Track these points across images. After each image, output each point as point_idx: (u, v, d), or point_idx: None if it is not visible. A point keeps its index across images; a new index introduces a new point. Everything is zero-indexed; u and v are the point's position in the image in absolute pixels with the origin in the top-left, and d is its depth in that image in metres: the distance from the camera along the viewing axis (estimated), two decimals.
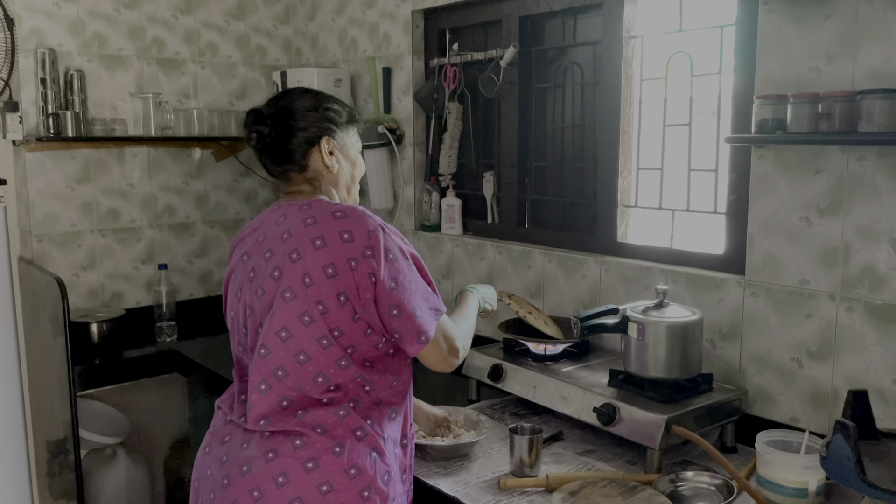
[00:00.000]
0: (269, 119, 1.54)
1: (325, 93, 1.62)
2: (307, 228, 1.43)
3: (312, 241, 1.41)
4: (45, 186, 2.85)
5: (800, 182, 1.77)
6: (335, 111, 1.58)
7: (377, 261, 1.40)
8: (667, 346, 1.78)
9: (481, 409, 2.08)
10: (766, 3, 1.79)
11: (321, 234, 1.41)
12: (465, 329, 1.62)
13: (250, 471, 1.39)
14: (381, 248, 1.41)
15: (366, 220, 1.43)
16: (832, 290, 1.73)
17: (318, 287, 1.39)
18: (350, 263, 1.39)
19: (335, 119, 1.57)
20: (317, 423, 1.41)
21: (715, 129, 2.05)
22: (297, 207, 1.49)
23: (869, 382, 1.67)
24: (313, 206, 1.48)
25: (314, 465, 1.38)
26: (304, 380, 1.41)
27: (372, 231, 1.42)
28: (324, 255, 1.39)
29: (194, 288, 3.26)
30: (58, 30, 2.83)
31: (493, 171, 2.66)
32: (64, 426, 2.56)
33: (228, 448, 1.46)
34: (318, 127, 1.55)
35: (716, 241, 2.04)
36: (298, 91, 1.61)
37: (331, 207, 1.46)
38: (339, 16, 3.13)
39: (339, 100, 1.63)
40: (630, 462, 1.78)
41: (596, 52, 2.31)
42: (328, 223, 1.42)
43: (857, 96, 1.57)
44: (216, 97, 3.24)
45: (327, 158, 1.56)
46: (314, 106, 1.56)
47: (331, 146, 1.56)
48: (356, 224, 1.42)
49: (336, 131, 1.57)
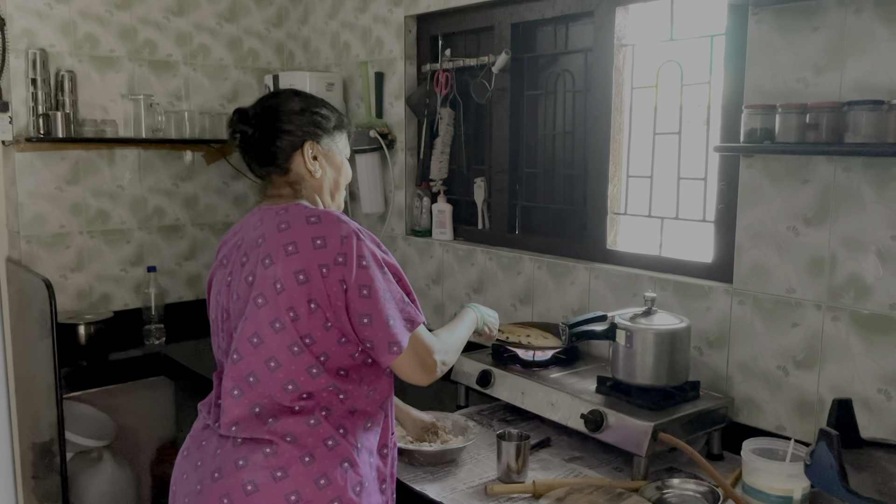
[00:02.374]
0: (254, 119, 1.51)
1: (315, 97, 1.59)
2: (280, 233, 1.41)
3: (285, 246, 1.39)
4: (34, 187, 2.84)
5: (787, 192, 1.79)
6: (323, 116, 1.55)
7: (349, 267, 1.37)
8: (654, 353, 1.79)
9: (469, 415, 2.08)
10: (756, 13, 1.80)
11: (294, 240, 1.39)
12: (449, 343, 1.55)
13: (221, 477, 1.38)
14: (354, 255, 1.38)
15: (339, 226, 1.40)
16: (818, 299, 1.75)
17: (289, 293, 1.37)
18: (321, 270, 1.37)
19: (322, 124, 1.54)
20: (287, 431, 1.39)
21: (704, 137, 2.06)
22: (273, 212, 1.47)
23: (854, 391, 1.69)
24: (290, 210, 1.45)
25: (283, 474, 1.36)
26: (275, 387, 1.40)
27: (345, 237, 1.39)
28: (295, 262, 1.37)
29: (183, 291, 3.25)
30: (49, 30, 2.83)
31: (483, 177, 2.67)
32: (50, 428, 2.55)
33: (203, 453, 1.46)
34: (304, 131, 1.52)
35: (704, 249, 2.05)
36: (288, 93, 1.58)
37: (306, 212, 1.43)
38: (332, 20, 3.13)
39: (329, 104, 1.60)
40: (617, 469, 1.79)
41: (587, 59, 2.32)
42: (301, 228, 1.40)
43: (843, 107, 1.58)
44: (207, 99, 3.24)
45: (310, 163, 1.53)
46: (301, 109, 1.53)
47: (314, 151, 1.53)
48: (329, 230, 1.40)
49: (322, 136, 1.54)
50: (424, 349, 1.45)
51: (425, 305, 2.79)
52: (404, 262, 2.87)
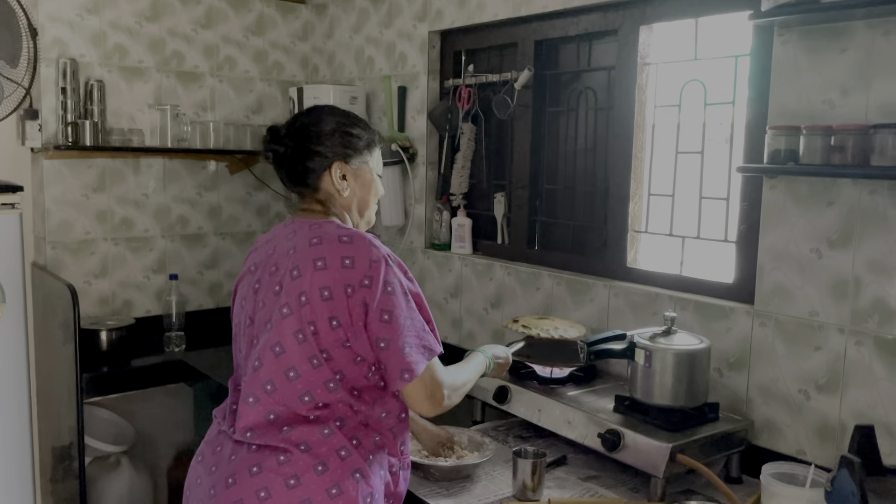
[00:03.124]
0: (286, 138, 1.55)
1: (350, 115, 1.60)
2: (311, 248, 1.43)
3: (314, 261, 1.41)
4: (61, 194, 2.89)
5: (811, 214, 1.77)
6: (355, 136, 1.57)
7: (373, 291, 1.39)
8: (674, 373, 1.78)
9: (485, 431, 2.08)
10: (782, 34, 1.80)
11: (323, 256, 1.41)
12: (457, 380, 1.55)
13: (235, 483, 1.40)
14: (381, 280, 1.40)
15: (370, 250, 1.43)
16: (841, 323, 1.73)
17: (312, 307, 1.39)
18: (346, 290, 1.39)
19: (352, 143, 1.56)
20: (301, 440, 1.40)
21: (727, 157, 2.05)
22: (307, 225, 1.50)
23: (876, 417, 1.66)
24: (323, 226, 1.48)
25: (296, 482, 1.38)
26: (292, 397, 1.42)
27: (374, 261, 1.41)
28: (322, 277, 1.40)
29: (204, 299, 3.28)
30: (80, 40, 2.88)
31: (504, 192, 2.67)
32: (69, 432, 2.57)
33: (218, 458, 1.48)
34: (333, 152, 1.54)
35: (725, 269, 2.04)
36: (320, 111, 1.60)
37: (339, 231, 1.46)
38: (357, 34, 3.16)
39: (363, 122, 1.61)
40: (633, 489, 1.77)
41: (610, 77, 2.32)
42: (332, 246, 1.43)
43: (870, 130, 1.57)
44: (233, 111, 3.28)
45: (338, 182, 1.55)
46: (332, 130, 1.55)
47: (343, 170, 1.55)
48: (360, 251, 1.42)
49: (352, 156, 1.56)
50: (435, 381, 1.45)
51: (443, 319, 2.79)
52: (423, 275, 2.87)
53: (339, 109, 1.62)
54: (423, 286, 2.85)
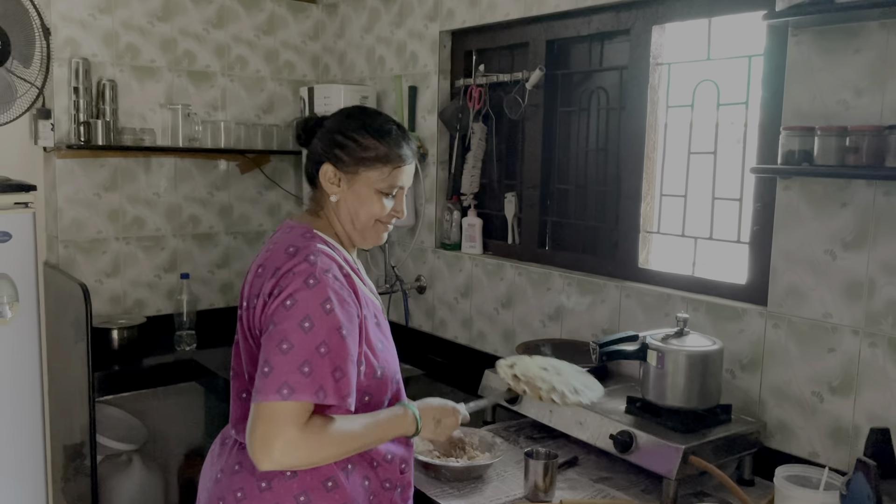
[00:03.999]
0: (307, 124, 1.54)
1: (366, 122, 1.48)
2: (265, 253, 1.43)
3: (258, 267, 1.42)
4: (73, 193, 2.90)
5: (825, 215, 1.76)
6: (357, 142, 1.45)
7: (275, 301, 1.31)
8: (686, 374, 1.77)
9: (496, 431, 2.07)
10: (796, 34, 1.79)
11: (264, 264, 1.40)
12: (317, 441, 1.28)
13: (220, 481, 1.42)
14: (287, 292, 1.30)
15: (300, 263, 1.33)
16: (855, 324, 1.72)
17: (248, 314, 1.41)
18: (264, 300, 1.35)
19: (349, 149, 1.45)
20: None
21: (740, 158, 2.04)
22: (284, 230, 1.48)
23: (891, 420, 1.65)
24: (292, 232, 1.45)
25: (267, 485, 1.36)
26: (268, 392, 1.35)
27: (294, 273, 1.32)
28: (257, 285, 1.39)
29: (215, 298, 3.29)
30: (92, 40, 2.89)
31: (515, 192, 2.67)
32: (81, 431, 2.59)
33: (218, 453, 1.50)
34: (326, 151, 1.47)
35: (738, 270, 2.03)
36: (342, 110, 1.55)
37: (293, 240, 1.40)
38: (368, 34, 3.17)
39: (382, 136, 1.46)
40: (645, 491, 1.77)
41: (622, 77, 2.32)
42: (277, 255, 1.39)
43: (885, 131, 1.56)
44: (244, 110, 3.29)
45: (326, 185, 1.48)
46: (333, 129, 1.48)
47: (335, 174, 1.47)
48: (289, 263, 1.34)
49: (344, 162, 1.45)
50: (270, 425, 1.24)
51: (453, 319, 2.79)
52: (433, 275, 2.87)
53: (362, 113, 1.52)
54: (434, 286, 2.86)
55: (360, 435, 1.36)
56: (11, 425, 2.54)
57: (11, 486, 2.56)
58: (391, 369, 1.48)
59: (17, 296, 2.50)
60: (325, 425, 1.29)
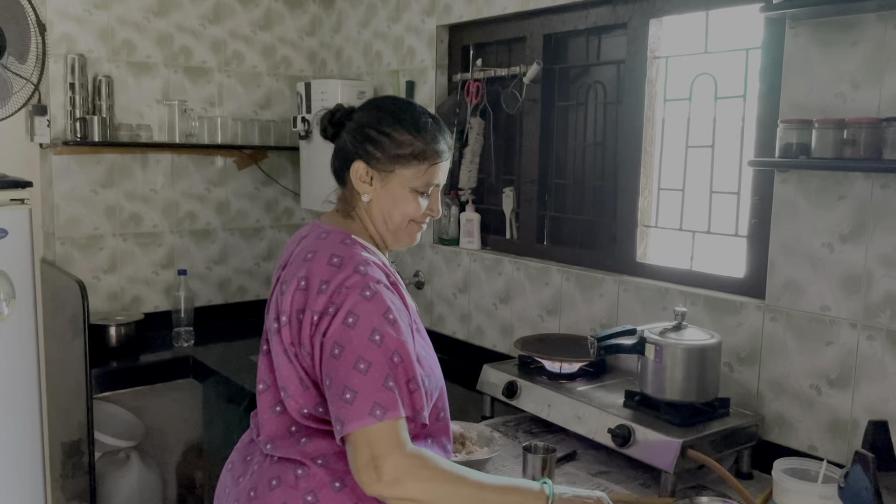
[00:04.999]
0: (333, 117, 1.44)
1: (400, 114, 1.39)
2: (304, 262, 1.32)
3: (299, 279, 1.30)
4: (69, 189, 2.89)
5: (823, 208, 1.76)
6: (391, 137, 1.36)
7: (334, 319, 1.23)
8: (684, 368, 1.77)
9: (495, 426, 2.07)
10: (793, 27, 1.78)
11: (307, 276, 1.29)
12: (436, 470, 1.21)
13: (256, 497, 1.34)
14: (345, 309, 1.23)
15: (350, 275, 1.26)
16: (853, 317, 1.72)
17: (290, 329, 1.30)
18: (313, 317, 1.26)
19: (382, 145, 1.36)
20: (319, 453, 1.32)
21: (738, 151, 2.04)
22: (316, 234, 1.38)
23: (889, 412, 1.65)
24: (329, 237, 1.35)
25: (313, 498, 1.29)
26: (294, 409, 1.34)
27: (348, 287, 1.24)
28: (300, 299, 1.28)
29: (213, 294, 3.29)
30: (88, 36, 2.88)
31: (512, 186, 2.66)
32: (79, 428, 2.58)
33: (245, 468, 1.42)
34: (357, 147, 1.38)
35: (736, 264, 2.03)
36: (372, 101, 1.45)
37: (334, 249, 1.31)
38: (365, 29, 3.16)
39: (416, 130, 1.38)
40: (644, 485, 1.77)
41: (620, 71, 2.31)
42: (319, 266, 1.29)
43: (882, 123, 1.56)
44: (240, 106, 3.28)
45: (357, 184, 1.39)
46: (371, 123, 1.38)
47: (367, 172, 1.38)
48: (338, 276, 1.26)
49: (377, 159, 1.37)
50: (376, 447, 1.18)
51: (451, 314, 2.79)
52: (431, 270, 2.87)
53: (394, 104, 1.42)
54: (432, 281, 2.86)
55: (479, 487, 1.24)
56: (9, 423, 2.54)
57: (10, 484, 2.56)
58: (436, 376, 1.39)
59: (14, 293, 2.50)
60: (436, 458, 1.23)
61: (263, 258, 3.42)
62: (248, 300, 3.38)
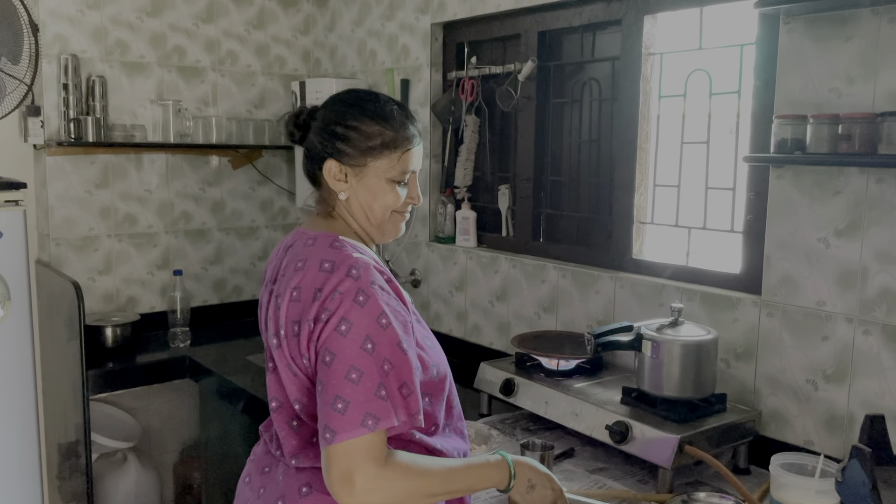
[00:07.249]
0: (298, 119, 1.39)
1: (365, 105, 1.35)
2: (295, 273, 1.28)
3: (292, 290, 1.27)
4: (64, 190, 2.88)
5: (818, 203, 1.76)
6: (358, 130, 1.33)
7: (326, 326, 1.21)
8: (681, 364, 1.77)
9: (492, 424, 2.07)
10: (787, 22, 1.78)
11: (300, 285, 1.26)
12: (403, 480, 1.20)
13: None
14: (338, 315, 1.20)
15: (342, 279, 1.22)
16: (849, 312, 1.72)
17: (289, 343, 1.28)
18: (309, 326, 1.23)
19: (351, 140, 1.33)
20: None
21: (733, 147, 2.04)
22: (302, 242, 1.34)
23: (885, 407, 1.66)
24: (316, 243, 1.31)
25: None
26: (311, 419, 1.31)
27: (341, 292, 1.21)
28: (295, 310, 1.26)
29: (208, 294, 3.28)
30: (81, 36, 2.87)
31: (508, 184, 2.66)
32: (76, 429, 2.58)
33: (267, 479, 1.39)
34: (326, 146, 1.34)
35: (732, 259, 2.03)
36: (334, 97, 1.40)
37: (324, 254, 1.27)
38: (359, 27, 3.15)
39: (387, 115, 1.35)
40: (641, 481, 1.77)
41: (614, 68, 2.31)
42: (311, 273, 1.26)
43: (877, 118, 1.56)
44: (235, 105, 3.27)
45: (333, 183, 1.35)
46: (336, 119, 1.35)
47: (340, 169, 1.35)
48: (331, 281, 1.23)
49: (348, 155, 1.33)
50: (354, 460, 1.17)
51: (448, 312, 2.79)
52: (427, 268, 2.87)
53: (357, 97, 1.38)
54: (428, 279, 2.86)
55: (445, 474, 1.26)
56: (5, 424, 2.53)
57: (6, 486, 2.55)
58: (444, 364, 1.39)
59: (8, 294, 2.49)
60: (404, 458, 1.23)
61: (259, 258, 3.41)
62: (244, 300, 3.37)
